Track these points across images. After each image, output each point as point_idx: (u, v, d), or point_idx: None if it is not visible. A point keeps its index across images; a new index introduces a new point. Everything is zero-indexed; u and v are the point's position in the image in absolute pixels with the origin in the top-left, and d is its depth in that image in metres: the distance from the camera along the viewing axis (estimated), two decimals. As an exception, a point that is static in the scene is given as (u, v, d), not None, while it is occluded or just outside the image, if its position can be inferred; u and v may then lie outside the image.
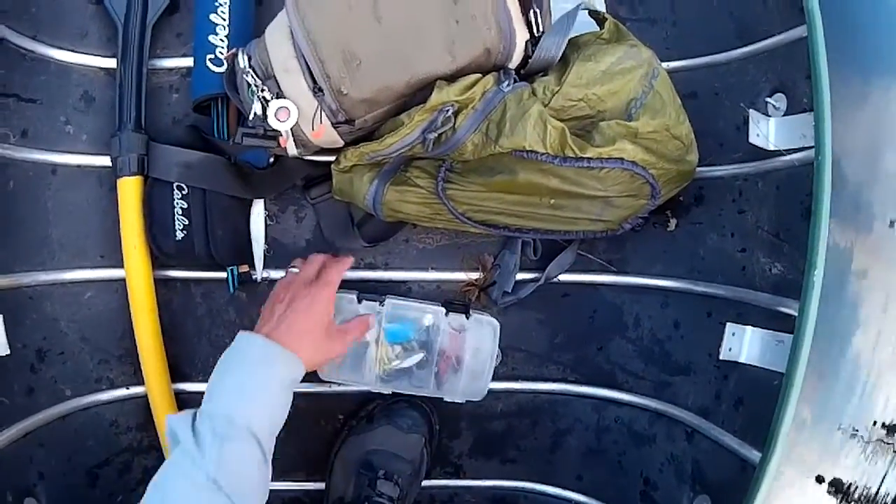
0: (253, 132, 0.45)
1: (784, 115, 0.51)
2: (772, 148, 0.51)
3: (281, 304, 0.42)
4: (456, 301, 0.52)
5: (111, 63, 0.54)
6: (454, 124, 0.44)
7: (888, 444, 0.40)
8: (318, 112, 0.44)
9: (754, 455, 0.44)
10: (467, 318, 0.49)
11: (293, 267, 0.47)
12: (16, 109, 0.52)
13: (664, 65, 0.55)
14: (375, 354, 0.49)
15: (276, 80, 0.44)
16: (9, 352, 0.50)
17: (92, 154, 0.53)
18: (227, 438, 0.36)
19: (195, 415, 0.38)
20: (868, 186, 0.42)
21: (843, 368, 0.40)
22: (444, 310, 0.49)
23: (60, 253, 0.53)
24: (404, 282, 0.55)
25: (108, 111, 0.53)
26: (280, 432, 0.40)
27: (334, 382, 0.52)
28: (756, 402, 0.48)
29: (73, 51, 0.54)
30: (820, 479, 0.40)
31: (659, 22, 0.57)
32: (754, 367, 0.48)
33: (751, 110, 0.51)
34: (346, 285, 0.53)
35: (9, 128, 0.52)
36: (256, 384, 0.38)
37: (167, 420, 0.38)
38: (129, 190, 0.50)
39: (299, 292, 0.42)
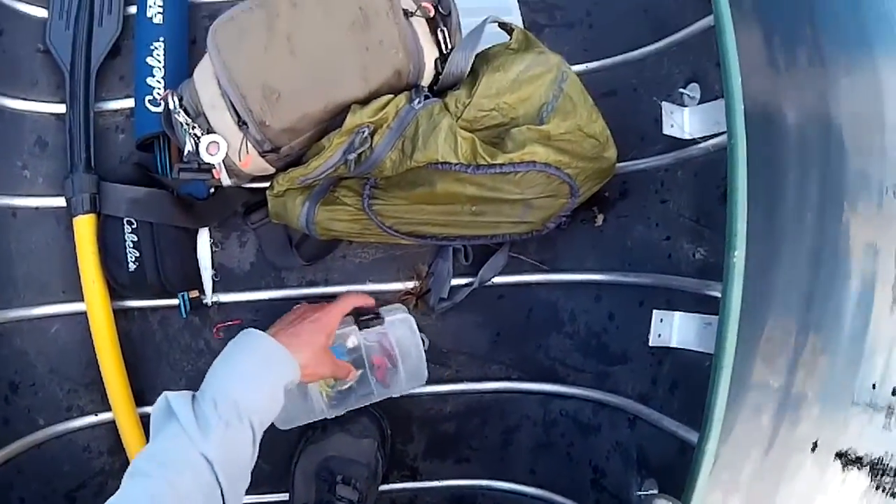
0: (189, 167, 0.48)
1: (699, 104, 0.53)
2: (687, 137, 0.52)
3: (291, 315, 0.48)
4: (363, 316, 0.53)
5: (61, 108, 0.56)
6: (371, 144, 0.46)
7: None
8: (245, 143, 0.47)
9: (693, 436, 0.45)
10: (381, 325, 0.51)
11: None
12: None
13: (582, 66, 0.58)
14: (316, 387, 0.51)
15: (206, 117, 0.47)
16: None
17: (49, 196, 0.56)
18: (230, 424, 0.38)
19: (194, 396, 0.39)
20: (789, 162, 0.44)
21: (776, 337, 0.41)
22: (356, 328, 0.51)
23: (25, 291, 0.56)
24: None
25: (62, 154, 0.56)
26: None
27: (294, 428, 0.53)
28: (690, 384, 0.49)
29: (24, 98, 0.57)
30: (815, 447, 0.40)
31: (576, 25, 0.59)
32: (687, 350, 0.50)
33: (663, 102, 0.53)
34: (290, 304, 0.54)
35: None
36: (262, 377, 0.41)
37: (165, 396, 0.39)
38: (84, 228, 0.53)
39: (310, 309, 0.48)
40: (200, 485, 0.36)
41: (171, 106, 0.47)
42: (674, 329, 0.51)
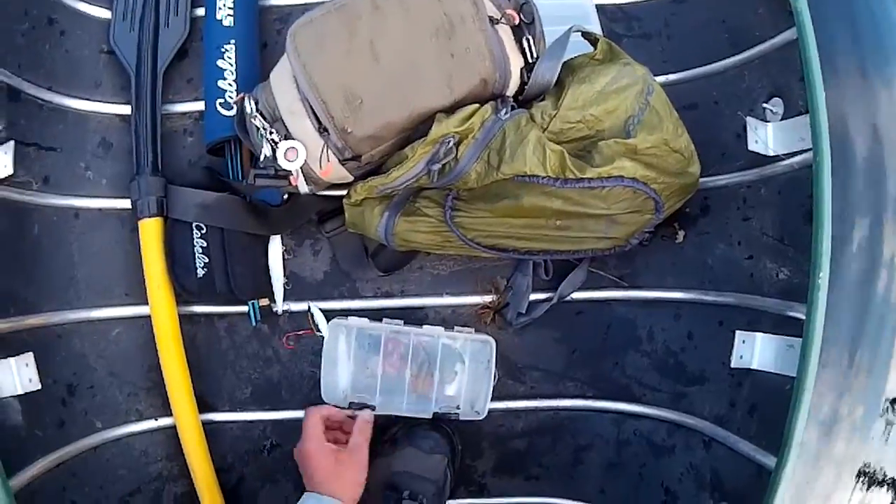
0: (265, 173, 0.47)
1: (782, 120, 0.52)
2: (771, 153, 0.51)
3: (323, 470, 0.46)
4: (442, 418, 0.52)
5: (126, 109, 0.56)
6: (456, 155, 0.45)
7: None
8: (325, 151, 0.46)
9: (770, 460, 0.44)
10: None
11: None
12: (37, 158, 0.54)
13: (662, 78, 0.56)
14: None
15: (284, 122, 0.46)
16: (40, 387, 0.52)
17: (113, 197, 0.56)
18: None
19: None
20: (869, 182, 0.43)
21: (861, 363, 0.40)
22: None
23: (86, 292, 0.55)
24: (420, 308, 0.56)
25: (126, 156, 0.55)
26: None
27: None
28: (769, 408, 0.48)
29: (88, 99, 0.56)
30: (841, 469, 0.40)
31: (654, 36, 0.57)
32: (767, 372, 0.49)
33: (748, 117, 0.52)
34: (365, 315, 0.54)
35: (31, 175, 0.54)
36: None
37: None
38: (150, 231, 0.52)
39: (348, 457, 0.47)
40: None
41: (247, 110, 0.46)
42: (755, 351, 0.49)
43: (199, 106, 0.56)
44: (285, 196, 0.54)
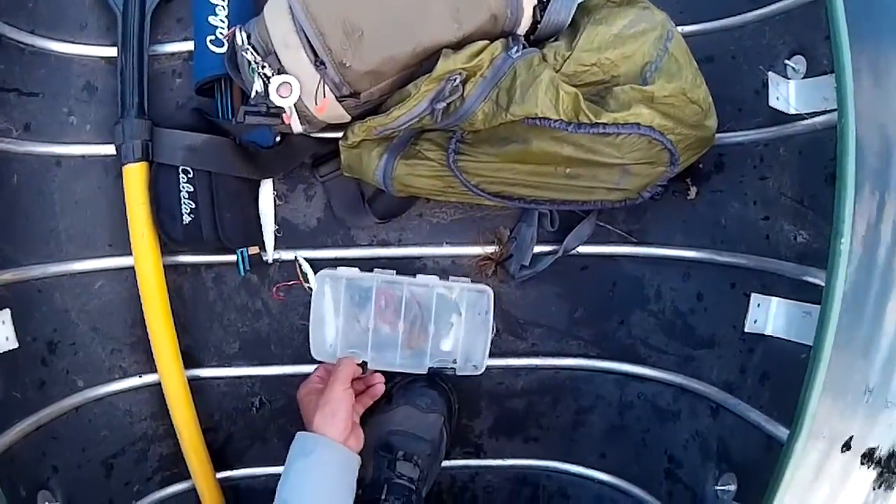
0: (256, 110, 0.44)
1: (804, 78, 0.49)
2: (793, 112, 0.49)
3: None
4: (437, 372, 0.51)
5: (112, 52, 0.53)
6: (462, 93, 0.43)
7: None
8: (321, 86, 0.43)
9: (781, 432, 0.42)
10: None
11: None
12: (17, 104, 0.52)
13: (678, 29, 0.53)
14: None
15: (277, 56, 0.43)
16: (17, 345, 0.50)
17: (97, 143, 0.53)
18: None
19: None
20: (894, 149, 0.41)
21: (877, 336, 0.38)
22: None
23: (68, 244, 0.53)
24: (419, 258, 0.54)
25: (112, 100, 0.52)
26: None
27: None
28: (783, 376, 0.46)
29: (72, 42, 0.53)
30: (847, 446, 0.38)
31: (671, -15, 0.55)
32: (781, 339, 0.47)
33: (770, 73, 0.49)
34: (359, 264, 0.52)
35: (11, 122, 0.51)
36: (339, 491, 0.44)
37: None
38: (135, 176, 0.49)
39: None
40: None
41: (238, 42, 0.43)
42: (770, 315, 0.47)
43: (189, 46, 0.53)
44: (277, 138, 0.51)
